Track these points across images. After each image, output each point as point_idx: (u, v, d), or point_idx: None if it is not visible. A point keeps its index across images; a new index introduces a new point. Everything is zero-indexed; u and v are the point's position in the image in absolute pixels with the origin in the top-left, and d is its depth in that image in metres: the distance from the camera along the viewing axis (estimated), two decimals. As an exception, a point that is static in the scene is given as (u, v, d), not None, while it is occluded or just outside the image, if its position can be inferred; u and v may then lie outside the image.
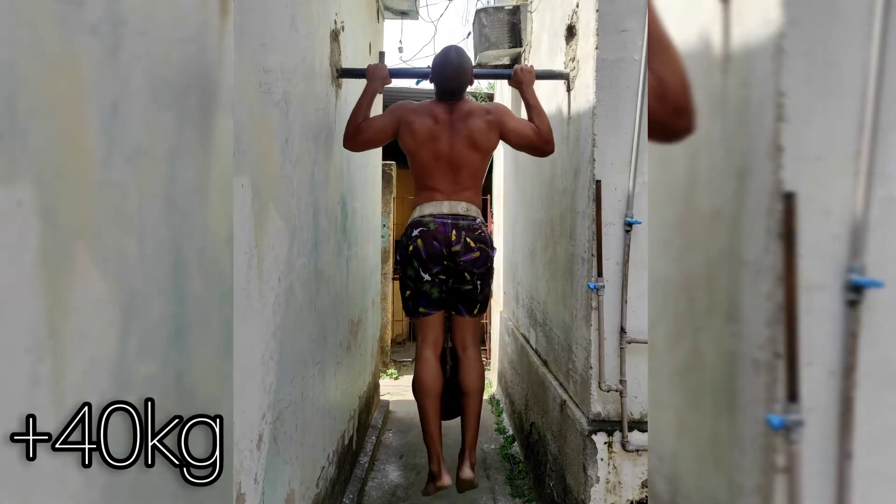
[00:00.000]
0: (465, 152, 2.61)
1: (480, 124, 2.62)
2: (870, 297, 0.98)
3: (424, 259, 2.57)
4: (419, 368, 2.67)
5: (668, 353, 1.43)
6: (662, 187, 1.46)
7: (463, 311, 2.68)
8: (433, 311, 2.66)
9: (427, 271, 2.58)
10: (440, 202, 2.61)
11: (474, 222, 2.61)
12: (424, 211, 2.62)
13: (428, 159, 2.63)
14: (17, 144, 0.72)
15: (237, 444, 1.49)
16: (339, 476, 3.11)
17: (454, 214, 2.59)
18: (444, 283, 2.62)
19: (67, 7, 0.82)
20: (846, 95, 0.98)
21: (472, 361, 2.69)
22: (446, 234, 2.56)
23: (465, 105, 2.67)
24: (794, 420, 0.97)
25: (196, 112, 1.18)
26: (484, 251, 2.60)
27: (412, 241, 2.59)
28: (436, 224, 2.57)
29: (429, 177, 2.64)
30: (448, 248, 2.56)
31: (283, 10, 1.93)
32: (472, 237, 2.58)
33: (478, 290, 2.64)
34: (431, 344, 2.69)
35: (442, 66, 2.65)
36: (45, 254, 0.77)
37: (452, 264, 2.57)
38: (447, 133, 2.61)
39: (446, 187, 2.62)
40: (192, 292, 1.15)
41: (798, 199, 0.97)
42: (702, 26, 1.25)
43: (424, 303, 2.64)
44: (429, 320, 2.68)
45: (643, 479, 2.45)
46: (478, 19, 4.36)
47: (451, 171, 2.62)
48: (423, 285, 2.60)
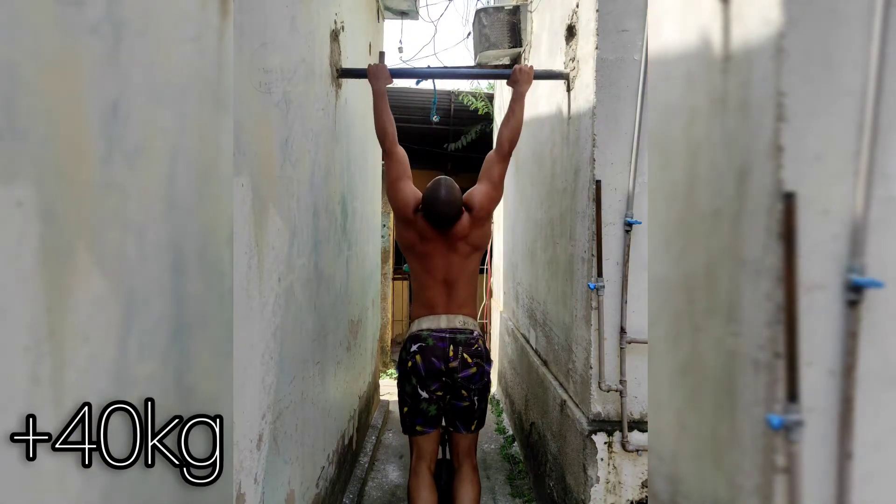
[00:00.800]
0: (461, 267, 2.63)
1: (476, 232, 2.64)
2: (870, 297, 0.98)
3: (423, 376, 2.57)
4: (413, 484, 2.67)
5: (667, 353, 1.43)
6: (662, 187, 1.46)
7: (461, 427, 2.68)
8: (430, 430, 2.66)
9: (425, 388, 2.58)
10: (438, 317, 2.63)
11: (471, 336, 2.62)
12: (422, 325, 2.63)
13: (422, 274, 2.66)
14: (17, 144, 0.72)
15: (237, 444, 1.49)
16: (339, 476, 3.11)
17: (452, 329, 2.60)
18: (442, 400, 2.62)
19: (67, 7, 0.82)
20: (846, 95, 0.98)
21: (468, 476, 2.70)
22: (444, 350, 2.57)
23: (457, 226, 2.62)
24: (794, 420, 0.97)
25: (196, 112, 1.18)
26: (480, 367, 2.60)
27: (411, 356, 2.60)
28: (434, 339, 2.58)
29: (426, 291, 2.66)
30: (446, 365, 2.56)
31: (283, 10, 1.93)
32: (468, 353, 2.58)
33: (475, 406, 2.64)
34: (426, 459, 2.69)
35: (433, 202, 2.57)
36: (45, 254, 0.77)
37: (450, 381, 2.58)
38: (441, 254, 2.62)
39: (443, 302, 2.64)
40: (192, 292, 1.15)
41: (798, 198, 0.97)
42: (702, 26, 1.25)
43: (421, 421, 2.63)
44: (423, 439, 2.68)
45: (643, 479, 2.45)
46: (478, 19, 4.36)
47: (446, 287, 2.64)
48: (420, 403, 2.60)
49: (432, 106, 4.61)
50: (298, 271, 2.16)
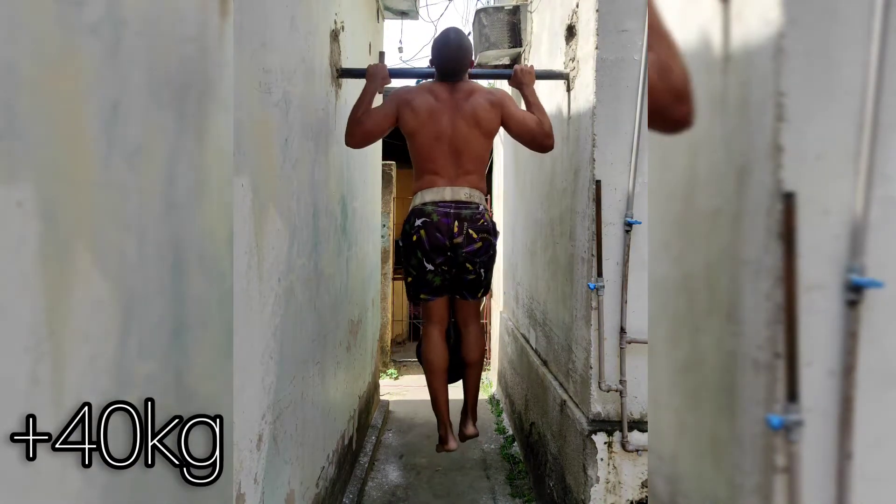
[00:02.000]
0: (468, 131, 2.58)
1: (483, 102, 2.61)
2: (870, 297, 0.98)
3: (428, 250, 2.58)
4: (426, 347, 2.77)
5: (667, 353, 1.43)
6: (662, 187, 1.46)
7: (467, 295, 2.73)
8: (435, 297, 2.71)
9: (430, 262, 2.60)
10: (442, 188, 2.58)
11: (477, 210, 2.60)
12: (426, 198, 2.59)
13: (429, 140, 2.59)
14: (17, 144, 0.72)
15: (237, 444, 1.49)
16: (339, 476, 3.11)
17: (456, 202, 2.57)
18: (447, 272, 2.64)
19: (67, 7, 0.82)
20: (846, 95, 0.98)
21: (473, 336, 2.80)
22: (448, 226, 2.55)
23: (466, 85, 2.66)
24: (793, 420, 0.97)
25: (196, 112, 1.18)
26: (486, 240, 2.61)
27: (415, 230, 2.59)
28: (438, 214, 2.56)
29: (430, 160, 2.61)
30: (450, 240, 2.56)
31: (282, 10, 1.93)
32: (474, 228, 2.57)
33: (481, 277, 2.68)
34: (436, 323, 2.77)
35: (442, 46, 2.63)
36: (45, 254, 0.77)
37: (454, 255, 2.59)
38: (449, 111, 2.59)
39: (448, 171, 2.59)
40: (192, 292, 1.15)
41: (798, 198, 0.97)
42: (701, 26, 1.25)
43: (426, 290, 2.69)
44: (432, 304, 2.74)
45: (643, 479, 2.45)
46: (478, 19, 4.36)
47: (452, 153, 2.59)
48: (426, 274, 2.63)
49: (432, 106, 4.58)
50: (298, 271, 2.16)
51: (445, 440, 2.78)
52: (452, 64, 2.61)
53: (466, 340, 2.81)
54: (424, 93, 2.63)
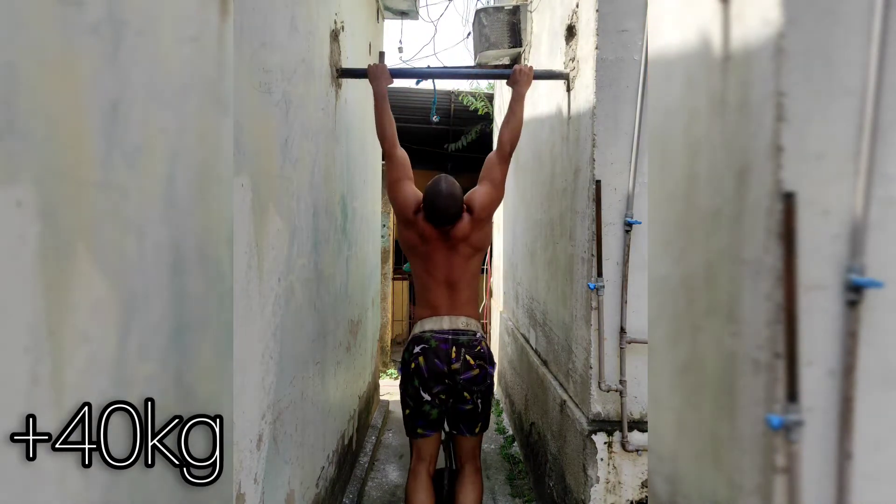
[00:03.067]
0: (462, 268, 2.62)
1: (478, 234, 2.62)
2: (870, 297, 0.98)
3: (426, 378, 2.55)
4: (411, 486, 2.66)
5: (667, 353, 1.43)
6: (662, 187, 1.46)
7: (464, 430, 2.66)
8: (431, 433, 2.64)
9: (427, 391, 2.56)
10: (440, 318, 2.61)
11: (474, 338, 2.60)
12: (425, 327, 2.62)
13: (423, 275, 2.65)
14: (17, 144, 0.72)
15: (237, 444, 1.49)
16: (339, 476, 3.11)
17: (454, 330, 2.59)
18: (444, 404, 2.60)
19: (67, 7, 0.82)
20: (846, 95, 0.98)
21: (471, 478, 2.68)
22: (447, 351, 2.55)
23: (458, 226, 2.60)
24: (793, 420, 0.97)
25: (196, 112, 1.18)
26: (483, 368, 2.59)
27: (414, 358, 2.58)
28: (437, 341, 2.56)
29: (428, 292, 2.65)
30: (448, 367, 2.54)
31: (283, 10, 1.93)
32: (471, 354, 2.57)
33: (478, 409, 2.62)
34: (425, 461, 2.68)
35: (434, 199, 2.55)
36: (44, 254, 0.77)
37: (452, 383, 2.56)
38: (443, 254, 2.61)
39: (445, 304, 2.63)
40: (192, 292, 1.15)
41: (798, 199, 0.97)
42: (701, 26, 1.25)
43: (422, 423, 2.62)
44: (424, 441, 2.66)
45: (643, 479, 2.45)
46: (478, 19, 4.36)
47: (448, 288, 2.63)
48: (422, 406, 2.58)
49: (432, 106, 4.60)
50: (298, 271, 2.16)
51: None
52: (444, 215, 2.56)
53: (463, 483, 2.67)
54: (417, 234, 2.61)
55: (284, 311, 1.96)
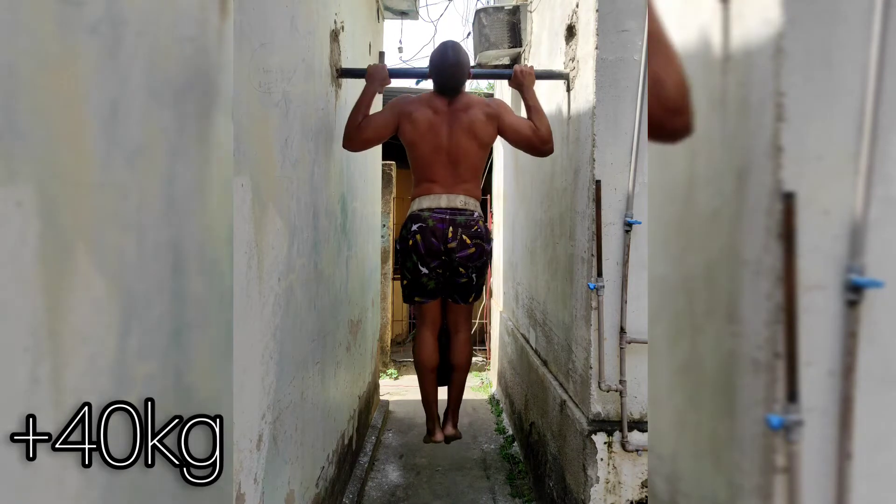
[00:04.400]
0: (465, 143, 2.66)
1: (479, 115, 2.68)
2: (869, 297, 0.98)
3: (423, 254, 2.66)
4: (417, 347, 2.91)
5: (667, 353, 1.43)
6: (662, 187, 1.46)
7: (458, 299, 2.82)
8: (428, 300, 2.81)
9: (425, 265, 2.69)
10: (438, 195, 2.66)
11: (472, 217, 2.67)
12: (423, 204, 2.67)
13: (427, 151, 2.67)
14: (17, 144, 0.72)
15: (237, 444, 1.49)
16: (339, 476, 3.11)
17: (452, 208, 2.65)
18: (441, 276, 2.73)
19: (67, 7, 0.82)
20: (846, 95, 0.98)
21: (462, 342, 2.91)
22: (443, 231, 2.63)
23: (463, 98, 2.72)
24: (793, 420, 0.97)
25: (196, 112, 1.18)
26: (479, 246, 2.68)
27: (411, 235, 2.67)
28: (434, 220, 2.64)
29: (428, 169, 2.69)
30: (444, 245, 2.64)
31: (282, 10, 1.93)
32: (467, 234, 2.65)
33: (473, 281, 2.76)
34: (429, 325, 2.88)
35: (440, 61, 2.69)
36: (44, 254, 0.77)
37: (448, 259, 2.66)
38: (446, 124, 2.66)
39: (445, 180, 2.67)
40: (191, 292, 1.15)
41: (798, 198, 0.97)
42: (701, 26, 1.25)
43: (420, 293, 2.78)
44: (425, 307, 2.84)
45: (643, 479, 2.45)
46: (478, 19, 4.36)
47: (449, 162, 2.67)
48: (420, 278, 2.72)
49: (432, 106, 4.58)
50: (298, 271, 2.16)
51: (433, 432, 2.96)
52: (450, 80, 2.67)
53: (455, 346, 2.91)
54: (423, 105, 2.69)
55: (284, 311, 1.96)
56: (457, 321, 2.90)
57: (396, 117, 2.70)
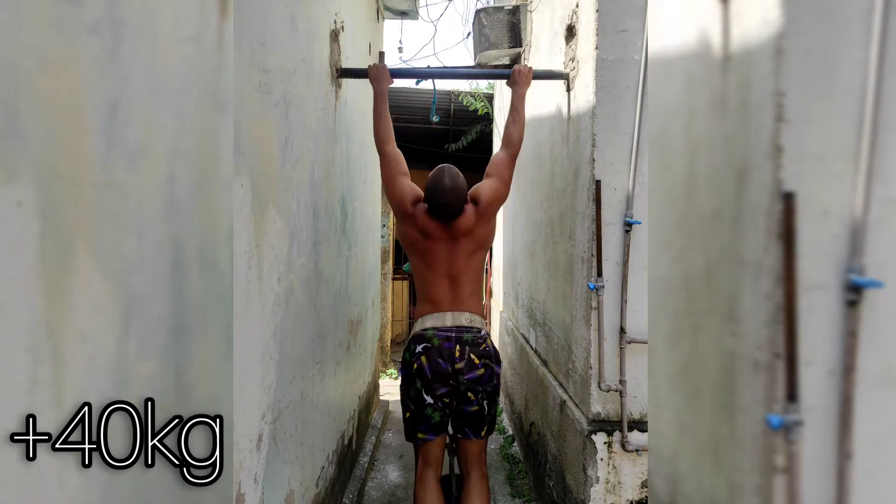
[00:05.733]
0: (466, 262, 2.52)
1: (481, 228, 2.54)
2: (869, 297, 0.98)
3: (429, 379, 2.43)
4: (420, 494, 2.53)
5: (667, 353, 1.43)
6: (662, 187, 1.46)
7: (469, 434, 2.54)
8: (433, 437, 2.51)
9: (430, 393, 2.44)
10: (443, 314, 2.50)
11: (479, 335, 2.49)
12: (426, 324, 2.50)
13: (425, 270, 2.55)
14: (17, 144, 0.72)
15: (237, 444, 1.49)
16: (339, 476, 3.11)
17: (458, 326, 2.47)
18: (448, 406, 2.48)
19: (67, 7, 0.82)
20: (846, 95, 0.98)
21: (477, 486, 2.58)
22: (450, 350, 2.43)
23: (461, 219, 2.52)
24: (793, 420, 0.97)
25: (196, 112, 1.18)
26: (489, 367, 2.47)
27: (416, 358, 2.46)
28: (439, 339, 2.44)
29: (429, 287, 2.54)
30: (452, 366, 2.42)
31: (282, 10, 1.93)
32: (476, 353, 2.45)
33: (485, 410, 2.50)
34: (431, 465, 2.56)
35: (436, 191, 2.47)
36: (44, 254, 0.77)
37: (456, 383, 2.44)
38: (445, 248, 2.51)
39: (447, 299, 2.52)
40: (191, 292, 1.15)
41: (798, 198, 0.97)
42: (701, 26, 1.25)
43: (424, 427, 2.49)
44: (428, 445, 2.54)
45: (643, 479, 2.45)
46: (478, 19, 4.36)
47: (450, 282, 2.53)
48: (424, 409, 2.46)
49: (432, 106, 4.60)
50: (298, 271, 2.16)
51: None
52: (449, 209, 2.47)
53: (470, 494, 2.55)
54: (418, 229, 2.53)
55: (284, 311, 1.96)
56: (470, 460, 2.56)
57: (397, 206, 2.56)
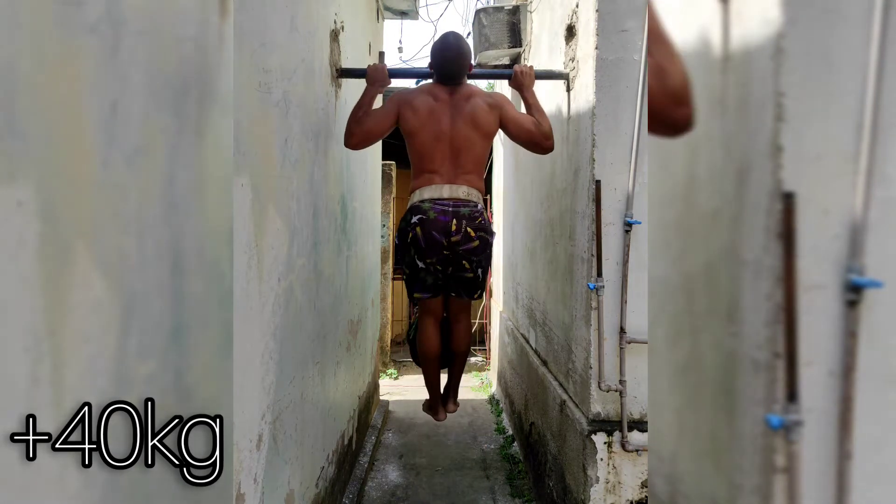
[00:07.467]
0: (467, 132, 2.61)
1: (482, 105, 2.65)
2: (869, 297, 0.98)
3: (423, 248, 2.60)
4: (420, 336, 2.87)
5: (667, 353, 1.43)
6: (662, 187, 1.46)
7: (463, 294, 2.77)
8: (429, 295, 2.75)
9: (422, 259, 2.62)
10: (440, 186, 2.60)
11: (475, 209, 2.62)
12: (424, 195, 2.61)
13: (428, 139, 2.62)
14: (17, 144, 0.72)
15: (237, 444, 1.49)
16: (339, 476, 3.11)
17: (454, 199, 2.59)
18: (442, 271, 2.68)
19: (67, 7, 0.82)
20: (846, 95, 0.98)
21: (463, 331, 2.89)
22: (446, 224, 2.57)
23: (465, 88, 2.70)
24: (793, 420, 0.97)
25: (196, 112, 1.18)
26: (483, 239, 2.64)
27: (411, 227, 2.61)
28: (435, 212, 2.57)
29: (429, 159, 2.63)
30: (448, 238, 2.58)
31: (282, 10, 1.93)
32: (472, 226, 2.59)
33: (478, 277, 2.71)
34: (430, 315, 2.84)
35: (441, 50, 2.66)
36: (44, 254, 0.77)
37: (451, 253, 2.61)
38: (448, 113, 2.62)
39: (447, 170, 2.61)
40: (191, 292, 1.15)
41: (798, 198, 0.97)
42: (701, 26, 1.25)
43: (419, 288, 2.73)
44: (425, 301, 2.79)
45: (643, 479, 2.45)
46: (477, 19, 4.36)
47: (451, 152, 2.62)
48: (418, 273, 2.68)
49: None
50: (298, 271, 2.16)
51: (436, 411, 3.01)
52: (452, 68, 2.64)
53: (456, 335, 2.89)
54: (424, 94, 2.66)
55: (284, 311, 1.96)
56: (458, 312, 2.86)
57: (397, 107, 2.65)
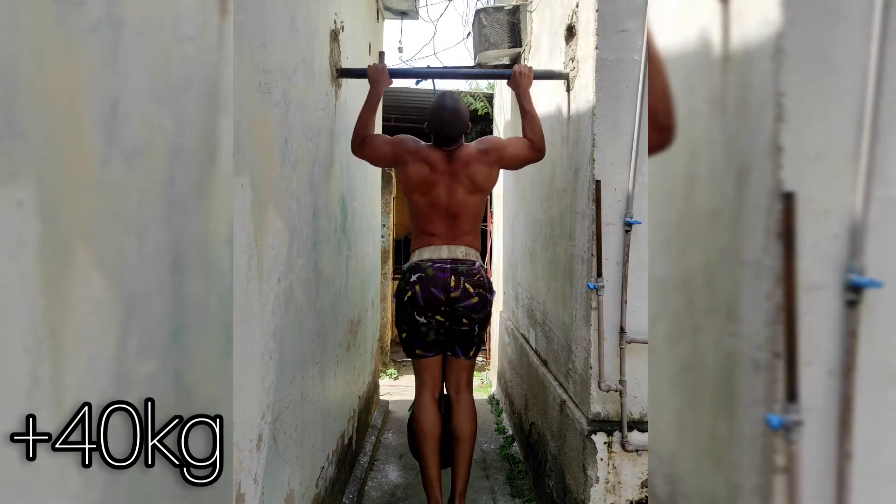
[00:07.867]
0: (464, 198, 2.61)
1: (481, 168, 2.63)
2: (869, 297, 0.98)
3: (421, 306, 2.58)
4: (418, 414, 2.69)
5: (667, 353, 1.43)
6: (662, 187, 1.46)
7: (459, 352, 2.70)
8: (429, 354, 2.67)
9: (422, 315, 2.60)
10: (439, 247, 2.60)
11: (473, 267, 2.60)
12: (423, 256, 2.61)
13: (425, 206, 2.63)
14: (17, 144, 0.72)
15: (237, 444, 1.49)
16: (339, 476, 3.11)
17: (453, 259, 2.58)
18: (441, 326, 2.62)
19: (67, 7, 0.82)
20: (846, 95, 0.98)
21: (465, 405, 2.71)
22: (445, 281, 2.55)
23: (463, 151, 2.65)
24: (793, 420, 0.97)
25: (196, 112, 1.18)
26: (483, 296, 2.60)
27: (410, 286, 2.59)
28: (434, 270, 2.56)
29: (427, 222, 2.64)
30: (447, 295, 2.55)
31: (282, 10, 1.93)
32: (470, 283, 2.57)
33: (475, 332, 2.66)
34: (429, 387, 2.71)
35: (439, 112, 2.62)
36: (44, 254, 0.77)
37: (450, 309, 2.57)
38: (445, 181, 2.61)
39: (444, 232, 2.62)
40: (191, 292, 1.15)
41: (798, 198, 0.97)
42: (701, 26, 1.25)
43: (421, 345, 2.66)
44: (425, 362, 2.69)
45: (643, 479, 2.45)
46: (477, 19, 4.36)
47: (449, 217, 2.62)
48: (418, 328, 2.62)
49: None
50: (298, 271, 2.16)
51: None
52: (449, 131, 2.61)
53: (458, 411, 2.71)
54: (421, 161, 2.63)
55: (284, 311, 1.96)
56: (458, 381, 2.72)
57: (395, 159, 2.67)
